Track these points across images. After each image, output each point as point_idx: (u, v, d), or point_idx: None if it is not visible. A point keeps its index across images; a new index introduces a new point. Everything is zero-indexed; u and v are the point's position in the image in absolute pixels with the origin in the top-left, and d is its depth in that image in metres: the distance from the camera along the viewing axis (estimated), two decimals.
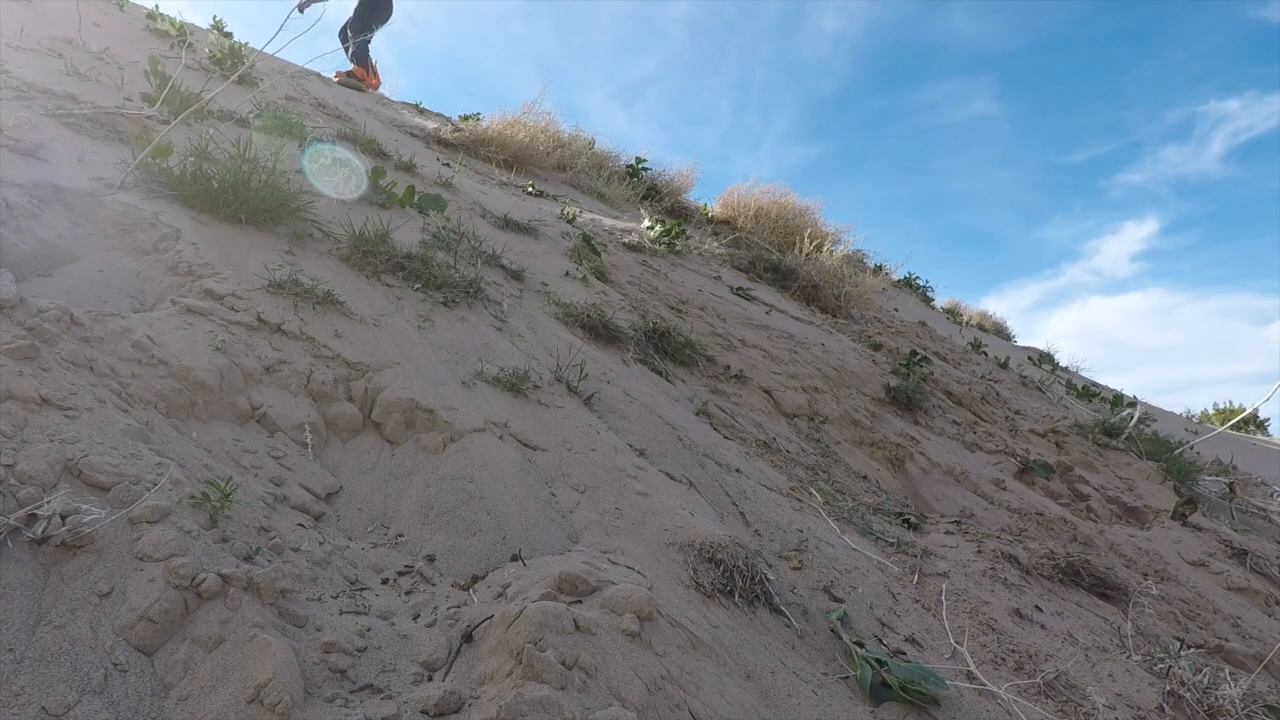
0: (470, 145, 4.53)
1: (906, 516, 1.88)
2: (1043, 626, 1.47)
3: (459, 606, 0.93)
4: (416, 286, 1.83)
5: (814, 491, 1.80)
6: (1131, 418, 3.37)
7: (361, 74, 5.42)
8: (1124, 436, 3.22)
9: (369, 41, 5.40)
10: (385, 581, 0.97)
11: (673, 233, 3.78)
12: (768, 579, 1.22)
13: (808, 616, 1.21)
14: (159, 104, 2.26)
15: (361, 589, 0.93)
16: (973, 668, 1.22)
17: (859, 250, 6.18)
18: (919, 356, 3.34)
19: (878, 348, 3.61)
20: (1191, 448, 3.37)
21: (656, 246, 3.66)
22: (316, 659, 0.77)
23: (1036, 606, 1.53)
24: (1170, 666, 1.38)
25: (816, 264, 4.79)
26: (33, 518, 0.72)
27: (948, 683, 1.12)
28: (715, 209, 5.82)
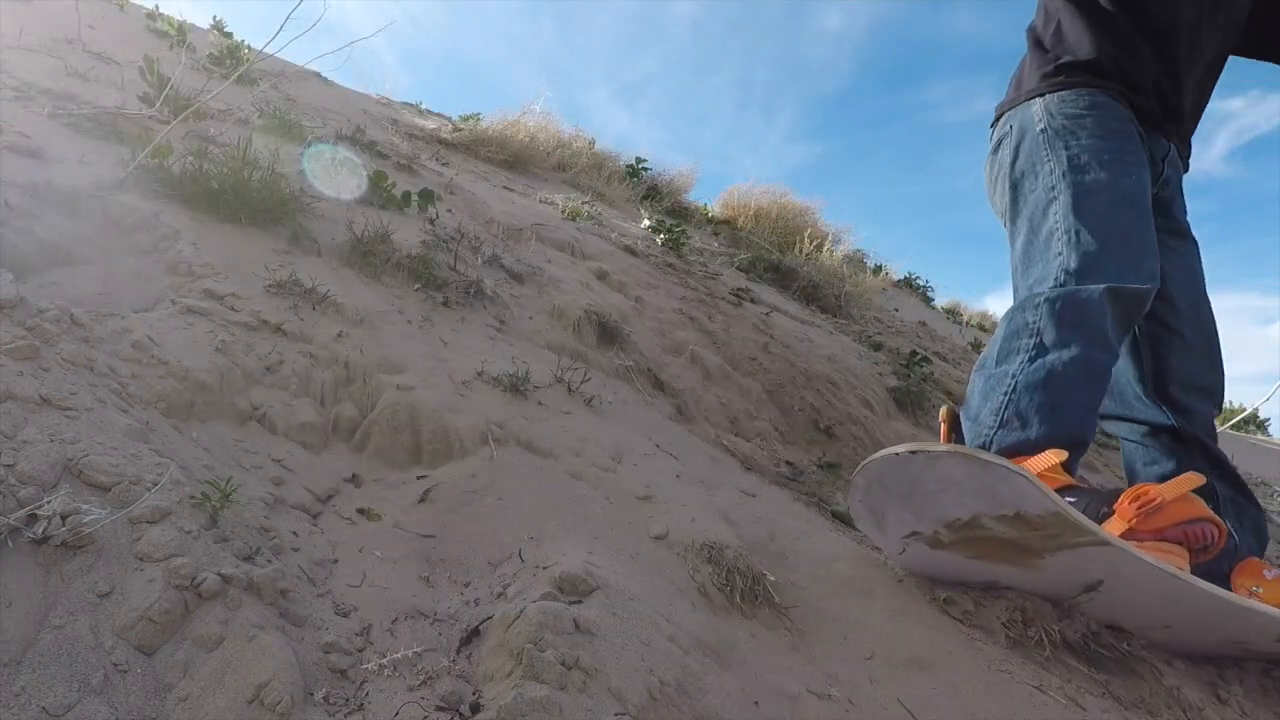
0: (470, 145, 4.53)
1: None
2: None
3: (459, 606, 0.93)
4: (417, 287, 1.84)
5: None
6: None
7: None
8: None
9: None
10: None
11: (674, 234, 3.78)
12: (768, 579, 1.22)
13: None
14: (159, 104, 2.26)
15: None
16: None
17: (859, 250, 6.19)
18: (919, 356, 3.34)
19: (878, 348, 3.62)
20: None
21: (658, 249, 3.66)
22: (316, 659, 0.77)
23: None
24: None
25: (816, 264, 4.80)
26: (33, 518, 0.72)
27: None
28: (715, 209, 5.83)
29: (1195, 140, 1.58)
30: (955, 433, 1.40)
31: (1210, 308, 1.48)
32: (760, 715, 0.88)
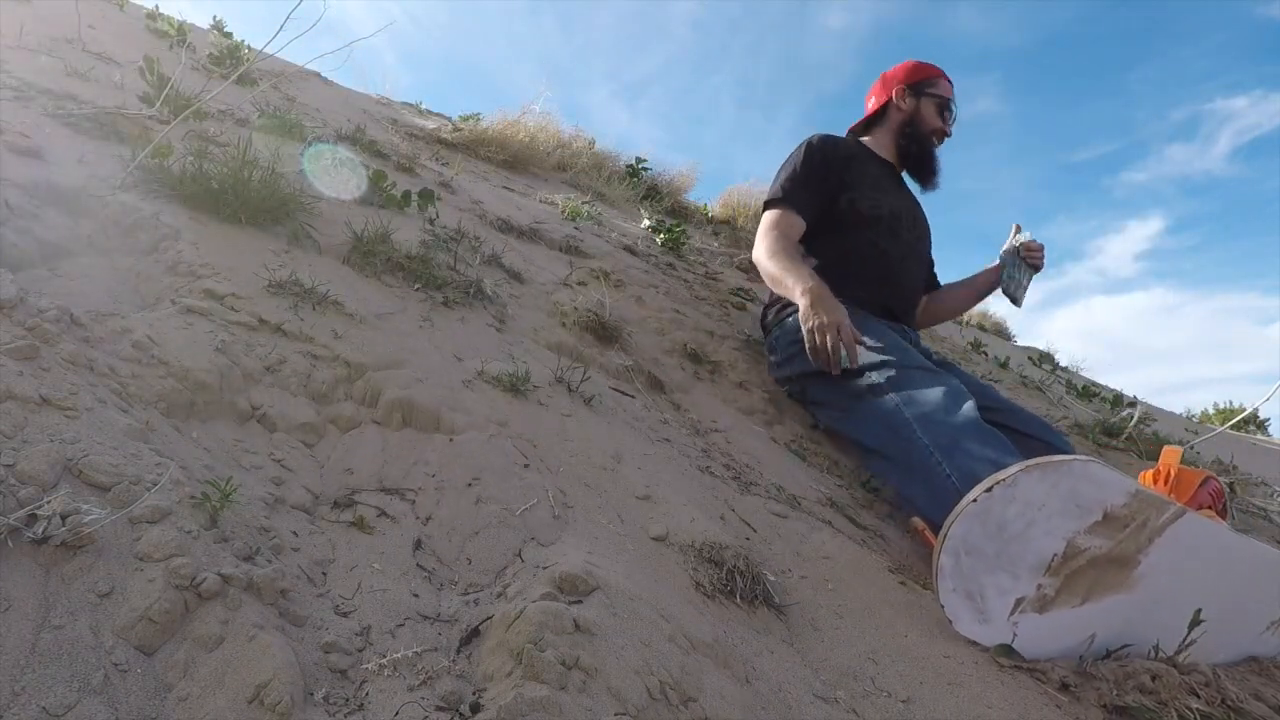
0: (470, 145, 4.53)
1: None
2: None
3: (459, 606, 0.93)
4: (417, 287, 1.83)
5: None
6: (1131, 418, 3.36)
7: None
8: (1124, 436, 3.22)
9: None
10: None
11: (674, 234, 3.78)
12: (768, 579, 1.22)
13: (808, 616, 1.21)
14: (159, 104, 2.26)
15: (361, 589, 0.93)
16: None
17: None
18: None
19: None
20: (1192, 447, 3.37)
21: (658, 249, 3.66)
22: (316, 659, 0.77)
23: None
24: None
25: None
26: (33, 518, 0.72)
27: None
28: (715, 209, 5.82)
29: (1197, 139, 1.81)
30: (934, 529, 1.40)
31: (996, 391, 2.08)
32: (761, 716, 0.88)
